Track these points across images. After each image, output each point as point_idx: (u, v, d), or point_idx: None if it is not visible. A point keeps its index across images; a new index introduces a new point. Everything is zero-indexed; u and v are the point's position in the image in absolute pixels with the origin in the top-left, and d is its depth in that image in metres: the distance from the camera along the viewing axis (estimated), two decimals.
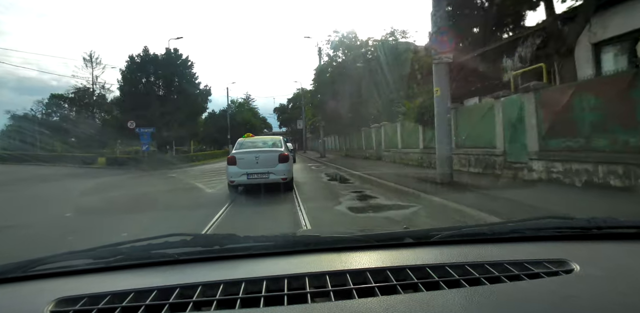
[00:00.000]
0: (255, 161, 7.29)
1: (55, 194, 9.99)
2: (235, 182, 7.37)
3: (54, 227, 5.29)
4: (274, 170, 7.29)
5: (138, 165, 20.30)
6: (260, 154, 7.45)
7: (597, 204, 4.70)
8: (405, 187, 7.16)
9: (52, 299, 0.77)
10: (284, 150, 7.72)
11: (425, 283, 0.78)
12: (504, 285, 0.77)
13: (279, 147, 7.97)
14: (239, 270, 0.92)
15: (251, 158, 7.33)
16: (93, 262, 0.97)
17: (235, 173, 7.30)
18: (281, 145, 8.17)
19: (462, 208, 4.86)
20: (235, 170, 7.30)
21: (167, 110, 24.76)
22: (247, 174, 7.24)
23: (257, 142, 8.46)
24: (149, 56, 26.34)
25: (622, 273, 0.80)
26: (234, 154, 7.51)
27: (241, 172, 7.26)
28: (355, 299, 0.72)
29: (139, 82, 26.09)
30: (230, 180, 7.40)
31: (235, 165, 7.31)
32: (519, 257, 0.90)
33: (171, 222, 5.13)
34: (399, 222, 4.79)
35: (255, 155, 7.39)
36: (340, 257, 0.98)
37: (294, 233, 1.22)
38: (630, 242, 1.04)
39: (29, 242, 4.26)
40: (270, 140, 8.72)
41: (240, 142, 8.34)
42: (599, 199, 4.98)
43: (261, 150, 7.65)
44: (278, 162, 7.36)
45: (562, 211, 3.63)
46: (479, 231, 1.12)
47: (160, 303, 0.74)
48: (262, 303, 0.73)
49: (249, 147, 7.98)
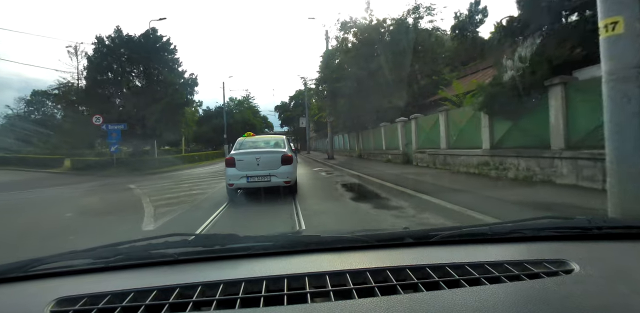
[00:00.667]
0: (256, 163, 6.82)
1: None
2: (234, 185, 6.88)
3: None
4: (276, 173, 6.81)
5: (104, 169, 17.16)
6: (262, 154, 6.97)
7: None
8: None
9: (52, 299, 0.78)
10: (287, 151, 7.20)
11: (425, 284, 0.78)
12: (504, 285, 0.77)
13: (282, 147, 7.49)
14: (239, 270, 0.93)
15: (251, 160, 6.85)
16: (93, 262, 0.97)
17: (235, 175, 6.81)
18: (284, 145, 7.66)
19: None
20: (234, 173, 6.82)
21: (142, 102, 19.86)
22: (247, 177, 6.77)
23: (258, 141, 8.00)
24: (122, 38, 21.07)
25: (622, 273, 0.80)
26: (233, 155, 7.04)
27: (241, 175, 6.78)
28: (355, 299, 0.73)
29: (109, 69, 21.03)
30: (229, 183, 6.91)
31: (234, 167, 6.85)
32: (519, 257, 0.92)
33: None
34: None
35: (256, 156, 6.91)
36: (340, 257, 0.99)
37: (294, 233, 1.26)
38: (630, 242, 1.04)
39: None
40: (273, 139, 8.19)
41: (240, 142, 7.87)
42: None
43: (262, 151, 7.16)
44: (281, 164, 6.87)
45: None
46: (479, 231, 1.12)
47: (160, 303, 0.75)
48: (262, 303, 0.73)
49: (249, 147, 7.55)
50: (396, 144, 14.40)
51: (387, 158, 15.25)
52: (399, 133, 14.01)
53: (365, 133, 19.61)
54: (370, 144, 18.83)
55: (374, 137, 17.90)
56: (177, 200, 7.38)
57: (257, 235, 1.08)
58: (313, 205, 6.20)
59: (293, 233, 1.18)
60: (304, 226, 4.74)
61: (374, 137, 17.91)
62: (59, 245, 4.32)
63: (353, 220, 5.07)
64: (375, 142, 17.73)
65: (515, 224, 1.14)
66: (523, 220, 1.18)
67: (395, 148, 14.61)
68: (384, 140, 16.18)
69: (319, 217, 5.22)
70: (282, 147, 7.47)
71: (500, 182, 7.03)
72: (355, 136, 21.59)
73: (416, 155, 12.42)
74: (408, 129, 13.32)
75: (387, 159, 15.12)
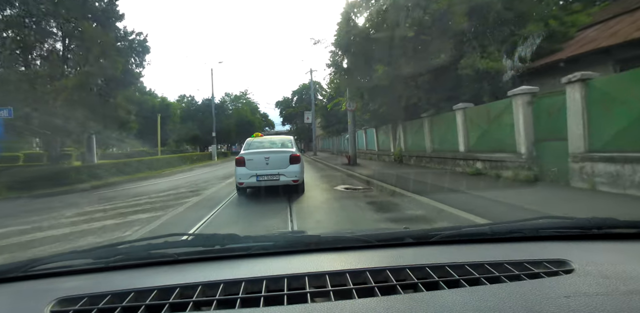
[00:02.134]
0: (265, 162, 7.11)
1: None
2: (244, 183, 7.12)
3: None
4: (285, 172, 7.09)
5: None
6: (271, 154, 7.25)
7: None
8: None
9: (52, 299, 0.78)
10: (295, 151, 7.53)
11: (425, 283, 0.79)
12: (504, 285, 0.77)
13: (290, 147, 7.77)
14: (239, 270, 0.93)
15: (261, 159, 7.14)
16: (93, 262, 0.97)
17: (245, 174, 7.07)
18: (292, 145, 7.95)
19: None
20: (244, 172, 7.08)
21: (53, 73, 12.71)
22: (256, 176, 7.04)
23: (266, 142, 8.21)
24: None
25: (622, 273, 0.80)
26: (243, 155, 7.30)
27: (250, 174, 7.04)
28: (355, 299, 0.73)
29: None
30: (239, 182, 7.17)
31: (244, 166, 7.11)
32: (519, 257, 0.91)
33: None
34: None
35: (265, 155, 7.19)
36: (340, 257, 0.99)
37: (294, 233, 1.19)
38: (630, 242, 1.04)
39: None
40: (280, 140, 8.41)
41: (248, 142, 8.14)
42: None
43: (271, 151, 7.42)
44: (289, 163, 7.17)
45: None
46: (479, 231, 1.12)
47: (160, 303, 0.75)
48: (262, 303, 0.73)
49: (258, 147, 7.77)
50: (508, 141, 7.39)
51: (472, 169, 8.66)
52: (519, 119, 6.96)
53: (414, 124, 12.48)
54: (422, 142, 11.89)
55: (435, 129, 11.09)
56: None
57: (257, 235, 1.09)
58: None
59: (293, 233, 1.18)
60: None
61: (435, 130, 11.10)
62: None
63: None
64: (438, 138, 10.90)
65: (515, 224, 1.15)
66: (523, 220, 1.18)
67: (498, 149, 7.79)
68: (464, 135, 9.31)
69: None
70: (290, 147, 7.78)
71: None
72: (392, 130, 14.80)
73: (579, 167, 5.69)
74: (515, 113, 7.05)
75: (475, 170, 8.52)
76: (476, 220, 4.24)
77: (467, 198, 5.35)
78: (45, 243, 4.44)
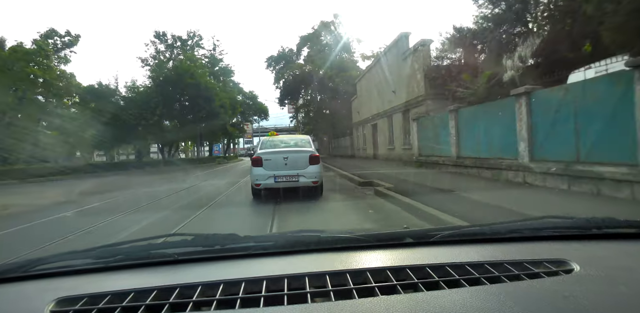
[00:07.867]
0: (284, 162, 6.80)
1: None
2: (261, 185, 6.81)
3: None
4: (304, 173, 6.79)
5: None
6: (289, 154, 6.93)
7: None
8: None
9: (52, 299, 0.78)
10: (313, 151, 7.25)
11: (425, 283, 0.79)
12: (504, 285, 0.77)
13: (308, 147, 7.47)
14: (239, 270, 0.93)
15: (279, 159, 6.82)
16: (93, 261, 0.98)
17: (262, 175, 6.77)
18: (310, 145, 7.63)
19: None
20: (261, 172, 6.77)
21: None
22: (274, 177, 6.74)
23: (282, 141, 7.91)
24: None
25: (621, 273, 0.80)
26: (260, 154, 6.98)
27: (268, 175, 6.73)
28: (355, 299, 0.73)
29: None
30: (255, 183, 6.86)
31: (262, 166, 6.81)
32: (519, 257, 0.92)
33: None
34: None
35: (283, 155, 6.88)
36: (340, 257, 0.99)
37: (294, 233, 1.19)
38: (630, 242, 1.04)
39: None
40: (297, 139, 8.15)
41: (263, 141, 7.89)
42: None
43: (290, 151, 7.13)
44: (309, 164, 6.88)
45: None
46: (479, 231, 1.12)
47: (160, 303, 0.75)
48: (262, 303, 0.74)
49: (274, 146, 7.48)
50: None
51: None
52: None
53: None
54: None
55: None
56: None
57: (257, 235, 1.09)
58: None
59: (293, 233, 1.17)
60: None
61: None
62: None
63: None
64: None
65: (515, 224, 1.15)
66: (523, 220, 1.18)
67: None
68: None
69: None
70: (309, 146, 7.48)
71: None
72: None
73: None
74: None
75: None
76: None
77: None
78: None
